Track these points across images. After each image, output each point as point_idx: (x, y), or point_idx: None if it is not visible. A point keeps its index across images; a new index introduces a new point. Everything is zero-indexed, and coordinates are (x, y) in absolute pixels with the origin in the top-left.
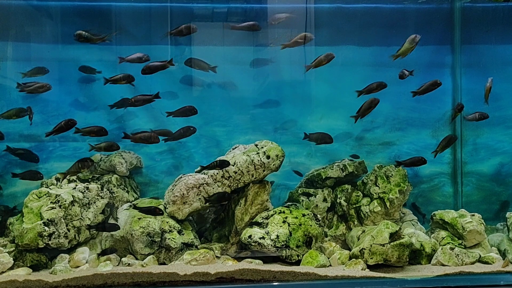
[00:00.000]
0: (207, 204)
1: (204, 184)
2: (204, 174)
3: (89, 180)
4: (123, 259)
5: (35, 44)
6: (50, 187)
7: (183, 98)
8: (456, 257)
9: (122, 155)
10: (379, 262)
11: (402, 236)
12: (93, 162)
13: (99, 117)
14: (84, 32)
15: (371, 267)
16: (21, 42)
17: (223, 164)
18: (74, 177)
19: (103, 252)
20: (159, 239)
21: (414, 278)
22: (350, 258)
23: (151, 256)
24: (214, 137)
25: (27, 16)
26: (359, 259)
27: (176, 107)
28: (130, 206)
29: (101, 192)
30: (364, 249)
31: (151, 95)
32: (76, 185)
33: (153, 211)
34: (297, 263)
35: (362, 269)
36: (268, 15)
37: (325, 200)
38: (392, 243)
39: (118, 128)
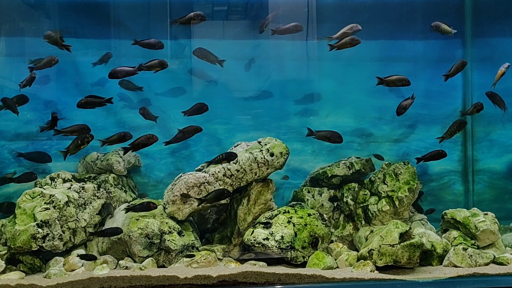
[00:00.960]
0: (206, 204)
1: (205, 183)
2: (205, 172)
3: (85, 179)
4: (120, 262)
5: (28, 38)
6: (44, 187)
7: (183, 95)
8: (469, 258)
9: (119, 153)
10: (389, 264)
11: (413, 236)
12: (93, 137)
13: (96, 114)
14: (53, 34)
15: (380, 269)
16: (13, 37)
17: (230, 156)
18: (70, 177)
19: (82, 256)
20: (158, 240)
21: (426, 280)
22: (358, 260)
23: (150, 258)
24: (215, 135)
25: (19, 10)
26: (368, 261)
27: (176, 104)
28: (128, 205)
29: (97, 192)
30: (373, 250)
31: (103, 99)
32: (72, 185)
33: (147, 207)
34: (303, 265)
35: (371, 271)
36: (269, 9)
37: (331, 199)
38: (402, 244)
39: (116, 125)
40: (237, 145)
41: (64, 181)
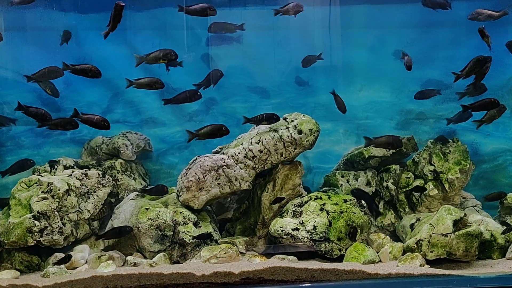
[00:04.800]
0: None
1: (224, 166)
2: (224, 154)
3: (89, 166)
4: (128, 258)
5: (24, 8)
6: (43, 174)
7: (196, 69)
8: None
9: (127, 136)
10: (441, 256)
11: (469, 224)
12: (177, 56)
13: (101, 95)
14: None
15: (430, 263)
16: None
17: (271, 118)
18: (72, 163)
19: (59, 262)
20: (171, 233)
21: (488, 275)
22: (404, 252)
23: (162, 253)
24: (233, 115)
25: None
26: (416, 253)
27: (190, 79)
28: (138, 194)
29: (102, 180)
30: (422, 240)
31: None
32: (73, 171)
33: (161, 190)
34: (340, 258)
35: (420, 265)
36: None
37: (368, 183)
38: (457, 233)
39: (123, 106)
40: None
41: (66, 167)
